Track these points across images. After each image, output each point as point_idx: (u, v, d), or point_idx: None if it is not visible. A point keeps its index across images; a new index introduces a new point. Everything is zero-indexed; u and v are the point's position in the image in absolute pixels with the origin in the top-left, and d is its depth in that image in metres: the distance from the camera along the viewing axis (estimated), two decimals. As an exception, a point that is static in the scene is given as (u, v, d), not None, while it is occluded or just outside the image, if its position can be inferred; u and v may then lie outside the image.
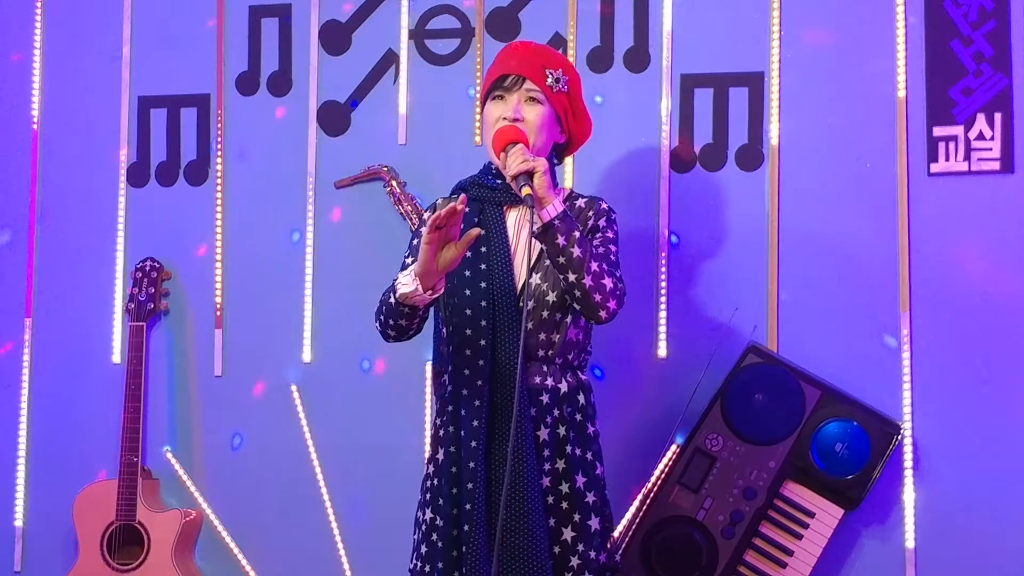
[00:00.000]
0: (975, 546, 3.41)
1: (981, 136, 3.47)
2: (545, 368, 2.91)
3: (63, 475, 3.86)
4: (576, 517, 2.86)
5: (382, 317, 2.93)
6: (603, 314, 2.82)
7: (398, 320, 2.89)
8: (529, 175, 2.74)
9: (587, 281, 2.78)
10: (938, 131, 3.50)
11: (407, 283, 2.82)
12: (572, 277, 2.79)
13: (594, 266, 2.79)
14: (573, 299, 2.83)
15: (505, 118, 2.89)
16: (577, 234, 2.78)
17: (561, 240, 2.77)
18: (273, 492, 3.77)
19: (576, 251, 2.77)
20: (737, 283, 3.56)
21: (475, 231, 2.77)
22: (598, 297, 2.80)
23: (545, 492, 2.85)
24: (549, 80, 2.93)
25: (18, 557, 3.91)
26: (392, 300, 2.87)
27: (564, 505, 2.86)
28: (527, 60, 2.95)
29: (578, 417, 2.93)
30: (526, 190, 2.72)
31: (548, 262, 2.87)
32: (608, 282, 2.81)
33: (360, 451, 3.73)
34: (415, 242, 3.04)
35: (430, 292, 2.82)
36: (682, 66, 3.65)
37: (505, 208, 2.98)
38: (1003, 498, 3.41)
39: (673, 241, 3.59)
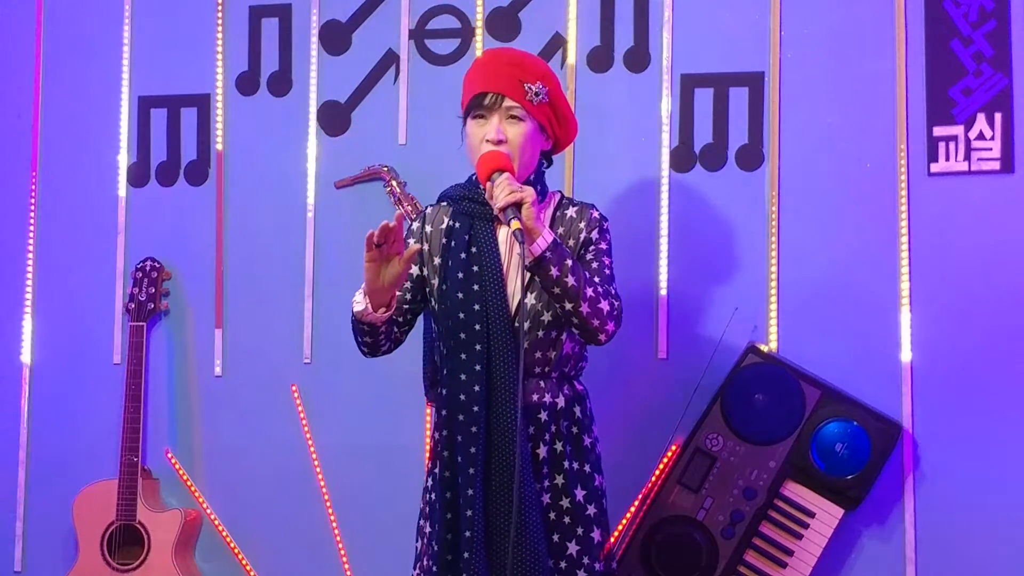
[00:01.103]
0: (975, 546, 3.41)
1: (981, 136, 3.47)
2: (542, 384, 2.89)
3: (63, 475, 3.86)
4: (579, 531, 2.85)
5: (353, 334, 2.94)
6: (602, 337, 2.81)
7: (363, 337, 2.89)
8: (517, 206, 2.70)
9: (584, 308, 2.76)
10: (938, 131, 3.50)
11: (359, 301, 2.83)
12: (568, 306, 2.76)
13: (589, 292, 2.76)
14: (571, 325, 2.81)
15: (488, 140, 2.85)
16: (570, 262, 2.75)
17: (554, 271, 2.73)
18: (273, 492, 3.77)
19: (570, 280, 2.74)
20: (737, 283, 3.56)
21: (415, 247, 2.77)
22: (596, 323, 2.78)
23: (546, 509, 2.84)
24: (528, 95, 2.86)
25: (18, 557, 3.91)
26: (353, 318, 2.87)
27: (567, 520, 2.85)
28: (503, 76, 2.87)
29: (574, 430, 2.91)
30: (515, 224, 2.68)
31: None
32: (605, 305, 2.78)
33: (360, 451, 3.73)
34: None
35: (383, 310, 2.81)
36: (682, 66, 3.65)
37: (496, 224, 2.91)
38: (1003, 498, 3.41)
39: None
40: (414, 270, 2.98)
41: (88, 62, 3.98)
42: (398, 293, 2.94)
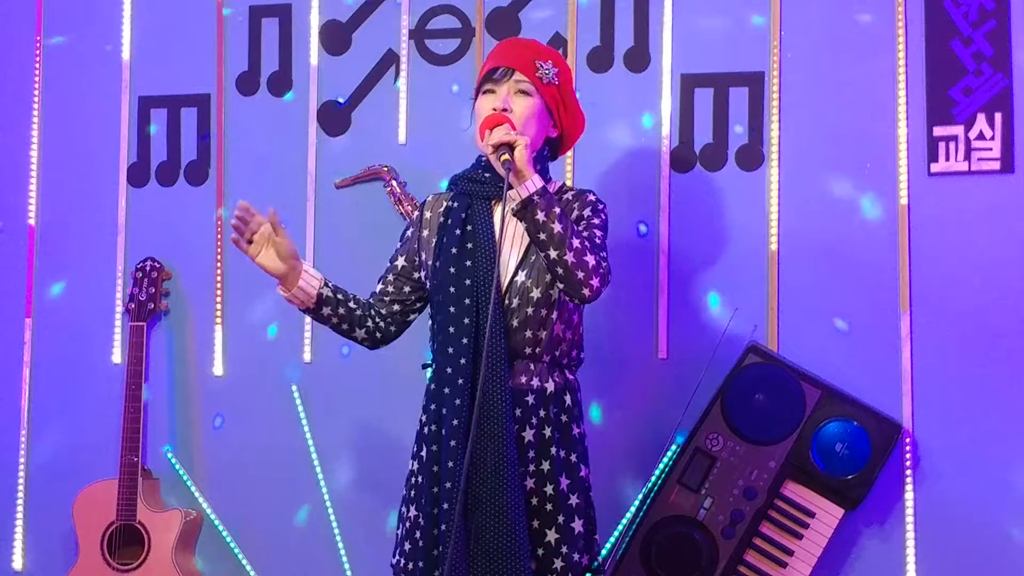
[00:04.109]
0: (975, 546, 3.41)
1: (981, 136, 3.47)
2: (532, 367, 2.89)
3: (63, 475, 3.86)
4: (560, 519, 2.84)
5: None
6: (586, 292, 2.78)
7: (322, 325, 3.01)
8: (510, 148, 2.73)
9: (569, 257, 2.74)
10: (938, 131, 3.50)
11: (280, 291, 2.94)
12: (553, 253, 2.75)
13: (576, 242, 2.75)
14: (556, 277, 2.79)
15: (495, 109, 2.88)
16: (557, 210, 2.75)
17: (541, 215, 2.73)
18: (273, 492, 3.77)
19: (557, 227, 2.73)
20: (737, 283, 3.56)
21: (270, 211, 2.87)
22: (580, 274, 2.76)
23: (529, 494, 2.84)
24: (539, 72, 2.91)
25: (18, 557, 3.91)
26: None
27: (548, 507, 2.84)
28: (516, 52, 2.94)
29: (563, 418, 2.91)
30: (505, 157, 2.71)
31: (535, 258, 2.86)
32: (591, 259, 2.77)
33: (360, 451, 3.73)
34: (396, 246, 3.08)
35: (300, 294, 2.91)
36: (682, 66, 3.65)
37: (493, 203, 2.95)
38: (1003, 498, 3.41)
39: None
40: (399, 261, 3.03)
41: (88, 62, 3.98)
42: (380, 286, 3.03)
